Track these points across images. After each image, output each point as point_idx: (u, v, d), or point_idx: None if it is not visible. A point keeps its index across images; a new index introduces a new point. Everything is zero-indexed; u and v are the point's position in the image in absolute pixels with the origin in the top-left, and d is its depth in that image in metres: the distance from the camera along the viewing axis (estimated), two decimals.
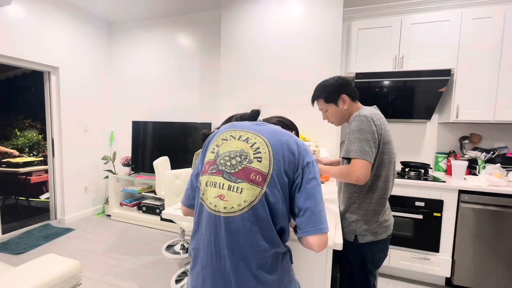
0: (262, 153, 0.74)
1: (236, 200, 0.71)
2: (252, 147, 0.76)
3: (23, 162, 3.80)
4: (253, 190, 0.71)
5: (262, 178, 0.72)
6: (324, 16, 2.35)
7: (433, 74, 2.14)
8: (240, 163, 0.74)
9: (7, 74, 4.42)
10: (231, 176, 0.73)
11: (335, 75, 1.26)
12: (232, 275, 0.70)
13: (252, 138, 0.77)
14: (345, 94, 1.20)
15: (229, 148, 0.77)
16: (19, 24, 2.73)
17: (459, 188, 1.98)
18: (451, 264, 2.03)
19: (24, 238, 2.80)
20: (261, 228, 0.70)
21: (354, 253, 1.18)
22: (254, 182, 0.71)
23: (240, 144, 0.77)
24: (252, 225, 0.70)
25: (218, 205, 0.72)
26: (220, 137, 0.82)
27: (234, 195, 0.71)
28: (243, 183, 0.72)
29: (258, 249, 0.70)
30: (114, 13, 3.44)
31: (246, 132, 0.80)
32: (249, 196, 0.71)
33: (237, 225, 0.70)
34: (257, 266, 0.70)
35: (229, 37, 2.67)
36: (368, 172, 1.05)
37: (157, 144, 3.43)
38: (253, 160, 0.73)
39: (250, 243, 0.70)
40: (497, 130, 2.35)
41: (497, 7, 2.04)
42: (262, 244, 0.70)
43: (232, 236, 0.70)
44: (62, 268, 1.41)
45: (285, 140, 0.77)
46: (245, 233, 0.70)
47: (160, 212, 3.28)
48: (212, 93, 3.25)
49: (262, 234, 0.71)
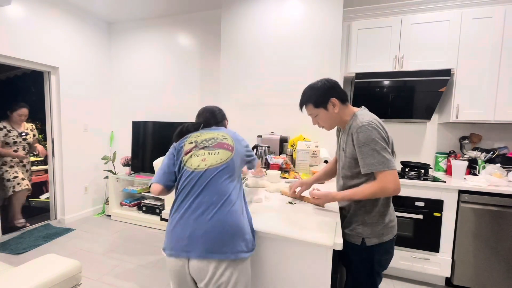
0: (227, 137, 1.15)
1: (215, 158, 1.06)
2: (219, 135, 1.15)
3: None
4: (226, 153, 1.09)
5: (231, 147, 1.11)
6: (324, 16, 2.35)
7: (433, 74, 2.14)
8: (215, 141, 1.12)
9: (7, 74, 4.42)
10: (209, 148, 1.09)
11: (323, 78, 1.21)
12: (206, 205, 0.98)
13: (216, 132, 1.17)
14: (334, 98, 1.15)
15: (205, 137, 1.14)
16: (19, 24, 2.73)
17: (459, 188, 1.98)
18: (451, 264, 2.03)
19: (24, 238, 2.80)
20: (229, 174, 1.06)
21: (361, 256, 1.16)
22: (227, 149, 1.10)
23: (211, 135, 1.15)
24: (219, 172, 1.03)
25: (201, 164, 1.04)
26: (191, 138, 1.15)
27: (212, 156, 1.06)
28: (219, 149, 1.09)
29: (224, 186, 1.02)
30: (114, 13, 3.44)
31: (210, 132, 1.18)
32: (223, 156, 1.07)
33: (211, 174, 1.02)
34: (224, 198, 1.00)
35: (229, 37, 2.67)
36: (399, 179, 1.04)
37: (157, 144, 3.43)
38: (223, 140, 1.13)
39: (223, 184, 1.02)
40: (497, 130, 2.35)
41: (497, 7, 2.04)
42: (228, 182, 1.04)
43: (209, 181, 1.01)
44: (62, 268, 1.41)
45: (231, 133, 1.20)
46: (218, 178, 1.02)
47: (160, 212, 3.28)
48: (212, 93, 3.25)
49: (228, 178, 1.05)
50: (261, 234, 1.03)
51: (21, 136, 3.01)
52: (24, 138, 3.04)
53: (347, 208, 1.22)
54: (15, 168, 2.99)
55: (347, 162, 1.17)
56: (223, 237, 0.92)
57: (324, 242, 0.93)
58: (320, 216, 1.18)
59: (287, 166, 2.08)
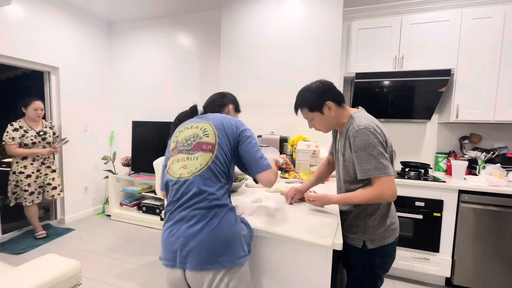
0: (209, 131, 1.02)
1: (194, 165, 0.95)
2: (201, 130, 1.03)
3: None
4: (206, 155, 0.97)
5: (212, 146, 0.98)
6: (324, 16, 2.35)
7: (433, 74, 2.14)
8: (193, 141, 1.00)
9: (7, 74, 4.42)
10: (189, 151, 0.99)
11: (317, 79, 1.18)
12: (191, 217, 0.91)
13: (200, 124, 1.05)
14: (329, 101, 1.12)
15: (185, 135, 1.04)
16: (19, 24, 2.73)
17: (459, 188, 1.98)
18: (451, 264, 2.03)
19: (24, 238, 2.80)
20: (211, 180, 0.95)
21: (363, 259, 1.15)
22: (206, 150, 0.97)
23: (193, 131, 1.04)
24: (205, 180, 0.93)
25: (183, 173, 0.95)
26: (177, 131, 1.09)
27: (192, 162, 0.96)
28: (198, 152, 0.97)
29: (215, 197, 0.93)
30: (114, 13, 3.44)
31: (196, 123, 1.07)
32: (203, 160, 0.96)
33: (194, 184, 0.92)
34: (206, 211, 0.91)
35: (229, 37, 2.67)
36: (395, 186, 1.02)
37: (157, 144, 3.42)
38: (203, 137, 1.00)
39: (207, 190, 0.92)
40: (497, 130, 2.35)
41: (497, 7, 2.04)
42: (212, 191, 0.93)
43: (192, 192, 0.92)
44: (62, 268, 1.41)
45: (223, 120, 1.06)
46: (201, 188, 0.92)
47: (160, 212, 3.28)
48: (212, 93, 3.23)
49: (216, 183, 0.95)
50: (261, 234, 1.03)
51: (39, 136, 2.71)
52: (43, 138, 2.74)
53: (348, 211, 1.20)
54: (32, 178, 2.66)
55: (347, 166, 1.15)
56: (217, 248, 0.88)
57: (323, 242, 0.93)
58: (320, 216, 1.18)
59: (287, 166, 2.08)
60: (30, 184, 2.66)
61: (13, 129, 2.58)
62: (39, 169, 2.73)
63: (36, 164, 2.71)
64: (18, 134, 2.59)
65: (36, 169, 2.70)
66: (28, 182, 2.64)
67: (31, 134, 2.67)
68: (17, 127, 2.62)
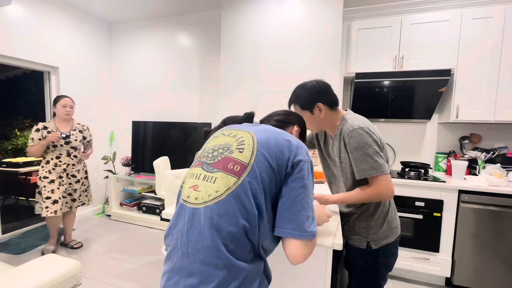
0: (246, 145, 0.69)
1: (208, 190, 0.65)
2: (238, 140, 0.72)
3: (23, 162, 3.79)
4: (228, 179, 0.64)
5: (241, 168, 0.65)
6: (324, 16, 2.35)
7: (433, 74, 2.14)
8: (221, 154, 0.70)
9: (7, 74, 4.43)
10: (209, 166, 0.69)
11: (314, 79, 1.16)
12: (192, 275, 0.61)
13: (240, 133, 0.74)
14: (321, 103, 1.11)
15: (215, 143, 0.75)
16: (19, 24, 2.73)
17: (459, 188, 1.98)
18: (451, 264, 2.03)
19: (24, 238, 2.80)
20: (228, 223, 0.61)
21: (367, 259, 1.15)
22: (230, 172, 0.65)
23: (227, 139, 0.74)
24: (219, 219, 0.61)
25: (191, 195, 0.67)
26: (213, 136, 0.81)
27: (207, 185, 0.66)
28: (219, 172, 0.66)
29: (229, 249, 0.60)
30: (114, 13, 3.44)
31: (237, 130, 0.77)
32: (221, 186, 0.64)
33: (202, 218, 0.63)
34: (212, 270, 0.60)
35: (229, 37, 2.67)
36: (392, 184, 1.03)
37: (157, 144, 3.43)
38: (234, 151, 0.69)
39: (211, 240, 0.61)
40: (497, 130, 2.35)
41: (497, 7, 2.04)
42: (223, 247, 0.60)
43: (197, 231, 0.63)
44: (62, 268, 1.41)
45: (274, 134, 0.72)
46: (208, 228, 0.61)
47: (160, 212, 3.28)
48: (212, 93, 3.25)
49: (236, 227, 0.61)
50: None
51: (63, 139, 2.40)
52: (67, 142, 2.41)
53: (350, 212, 1.20)
54: (55, 184, 2.37)
55: (344, 168, 1.14)
56: None
57: (323, 243, 0.93)
58: None
59: None
60: (54, 190, 2.37)
61: (35, 129, 2.37)
62: (61, 175, 2.42)
63: (58, 170, 2.41)
64: (38, 135, 2.33)
65: (58, 175, 2.41)
66: (51, 188, 2.36)
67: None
68: (39, 127, 2.37)
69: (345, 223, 1.20)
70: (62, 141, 2.40)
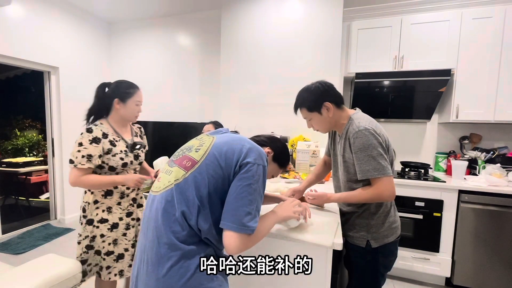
0: (203, 146, 0.80)
1: (164, 181, 0.78)
2: (199, 142, 0.83)
3: (23, 162, 3.80)
4: (178, 172, 0.76)
5: (192, 164, 0.76)
6: (324, 16, 2.35)
7: (433, 74, 2.14)
8: (183, 153, 0.82)
9: (7, 74, 4.43)
10: (172, 162, 0.82)
11: (316, 81, 1.17)
12: (147, 253, 0.74)
13: (205, 138, 0.85)
14: (328, 102, 1.12)
15: (185, 145, 0.88)
16: (19, 24, 2.73)
17: (459, 188, 1.98)
18: (451, 264, 2.03)
19: (24, 238, 2.80)
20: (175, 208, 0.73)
21: (366, 258, 1.16)
22: (182, 167, 0.77)
23: (194, 142, 0.86)
24: (166, 204, 0.73)
25: (155, 186, 0.82)
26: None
27: (165, 177, 0.79)
28: (175, 167, 0.79)
29: (171, 229, 0.72)
30: (114, 13, 3.44)
31: (207, 135, 0.87)
32: (172, 177, 0.76)
33: (157, 204, 0.76)
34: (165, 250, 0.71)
35: (229, 37, 2.67)
36: (394, 186, 1.04)
37: (157, 144, 3.43)
38: (192, 150, 0.80)
39: (165, 222, 0.73)
40: (497, 130, 2.35)
41: (497, 7, 2.04)
42: (175, 225, 0.72)
43: (154, 214, 0.76)
44: (62, 268, 1.41)
45: (232, 140, 0.81)
46: (160, 210, 0.74)
47: None
48: (212, 93, 3.25)
49: (179, 216, 0.72)
50: None
51: (132, 151, 1.46)
52: (137, 156, 1.49)
53: (351, 211, 1.20)
54: (120, 231, 1.38)
55: (347, 167, 1.15)
56: None
57: (323, 243, 0.93)
58: (321, 216, 1.18)
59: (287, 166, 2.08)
60: (117, 241, 1.39)
61: (89, 139, 1.31)
62: (130, 212, 1.43)
63: (125, 205, 1.42)
64: (98, 150, 1.31)
65: (126, 213, 1.42)
66: (114, 238, 1.38)
67: (120, 149, 1.39)
68: (98, 135, 1.35)
69: (346, 221, 1.21)
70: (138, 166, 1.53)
